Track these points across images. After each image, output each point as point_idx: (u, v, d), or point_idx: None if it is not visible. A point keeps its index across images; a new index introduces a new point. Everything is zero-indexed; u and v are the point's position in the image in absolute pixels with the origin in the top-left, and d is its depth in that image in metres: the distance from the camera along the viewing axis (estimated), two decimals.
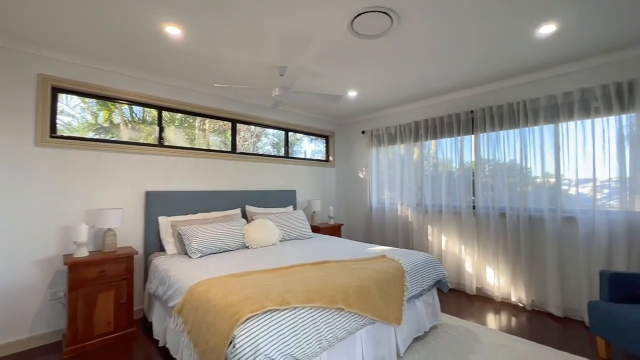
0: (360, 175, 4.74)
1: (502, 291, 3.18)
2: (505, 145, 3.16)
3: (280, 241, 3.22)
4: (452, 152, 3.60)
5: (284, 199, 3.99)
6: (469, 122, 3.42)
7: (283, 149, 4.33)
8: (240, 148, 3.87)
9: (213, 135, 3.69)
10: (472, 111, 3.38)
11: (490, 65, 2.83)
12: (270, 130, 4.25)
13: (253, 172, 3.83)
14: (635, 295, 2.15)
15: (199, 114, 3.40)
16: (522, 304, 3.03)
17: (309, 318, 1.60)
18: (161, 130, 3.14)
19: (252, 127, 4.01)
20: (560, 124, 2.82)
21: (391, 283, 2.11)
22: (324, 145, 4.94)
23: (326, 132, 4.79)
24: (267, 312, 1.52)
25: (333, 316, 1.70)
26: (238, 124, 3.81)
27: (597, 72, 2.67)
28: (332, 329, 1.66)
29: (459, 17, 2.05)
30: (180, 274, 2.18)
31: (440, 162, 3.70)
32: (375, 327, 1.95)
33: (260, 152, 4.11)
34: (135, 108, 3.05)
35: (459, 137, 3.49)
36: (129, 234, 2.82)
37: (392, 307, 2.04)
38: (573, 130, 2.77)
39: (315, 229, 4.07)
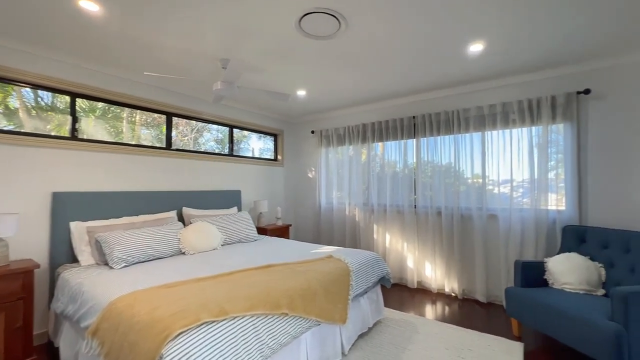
0: (310, 175, 4.72)
1: (438, 283, 3.43)
2: (442, 149, 3.42)
3: (222, 245, 3.01)
4: (396, 154, 3.77)
5: (227, 199, 3.77)
6: (412, 127, 3.62)
7: (228, 146, 4.09)
8: (178, 144, 3.55)
9: (145, 129, 3.31)
10: (414, 117, 3.58)
11: (429, 76, 3.03)
12: (215, 126, 3.98)
13: (193, 171, 3.53)
14: (540, 280, 2.50)
15: (126, 104, 3.01)
16: (455, 293, 3.31)
17: (250, 327, 1.50)
18: (74, 120, 2.68)
19: (193, 121, 3.71)
20: (486, 132, 3.15)
21: (337, 283, 2.11)
22: (273, 143, 4.81)
23: (275, 130, 4.66)
24: (202, 325, 1.38)
25: (276, 322, 1.62)
26: (175, 118, 3.48)
27: (514, 89, 3.04)
28: (275, 335, 1.58)
29: (402, 28, 2.15)
30: (98, 288, 1.88)
31: (386, 164, 3.85)
32: (320, 328, 1.93)
33: (202, 149, 3.82)
34: (43, 93, 2.57)
35: (402, 141, 3.68)
36: (29, 244, 2.34)
37: (338, 307, 2.04)
38: (496, 138, 3.11)
39: (262, 231, 3.92)
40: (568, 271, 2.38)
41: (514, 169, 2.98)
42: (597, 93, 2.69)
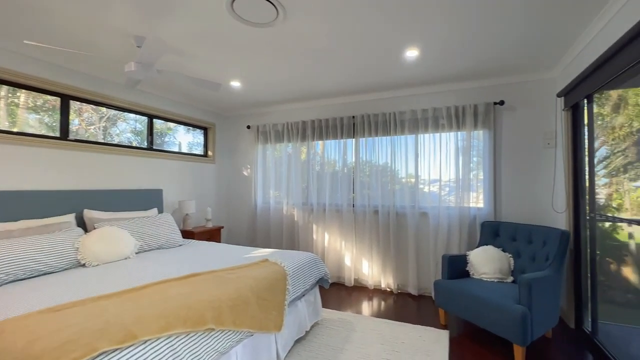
0: (245, 173, 4.42)
1: (374, 280, 3.51)
2: (380, 150, 3.51)
3: (136, 253, 2.57)
4: (336, 153, 3.76)
5: (145, 200, 3.27)
6: (351, 127, 3.64)
7: (147, 138, 3.57)
8: (82, 134, 2.94)
9: (35, 114, 2.66)
10: (353, 116, 3.60)
11: (368, 77, 3.07)
12: (133, 115, 3.43)
13: (100, 166, 2.97)
14: (464, 271, 2.72)
15: (4, 80, 2.36)
16: (390, 288, 3.43)
17: (166, 350, 1.25)
18: None
19: (103, 108, 3.12)
20: (419, 135, 3.32)
21: (272, 289, 1.94)
22: (204, 137, 4.38)
23: (205, 123, 4.25)
24: (100, 356, 1.09)
25: (200, 340, 1.40)
26: (77, 103, 2.88)
27: (444, 96, 3.27)
28: (199, 355, 1.36)
29: (342, 27, 2.12)
30: None
31: (326, 162, 3.81)
32: (253, 339, 1.75)
33: (116, 141, 3.25)
34: None
35: (342, 140, 3.67)
36: None
37: (273, 314, 1.88)
38: (428, 141, 3.31)
39: (189, 235, 3.52)
40: (485, 262, 2.63)
41: (443, 169, 3.21)
42: (509, 104, 3.06)
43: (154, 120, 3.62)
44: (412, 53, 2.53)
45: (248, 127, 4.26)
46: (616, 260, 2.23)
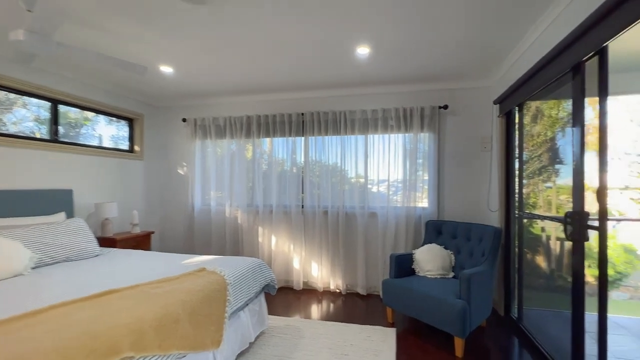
0: (181, 171, 3.96)
1: (324, 282, 3.41)
2: (330, 149, 3.43)
3: (34, 268, 2.05)
4: (285, 152, 3.56)
5: (49, 202, 2.68)
6: (300, 124, 3.50)
7: (51, 128, 2.94)
8: None
9: None
10: (302, 114, 3.46)
11: (319, 73, 2.97)
12: (37, 100, 2.79)
13: None
14: (410, 269, 2.78)
15: None
16: (339, 289, 3.36)
17: None
18: None
19: None
20: (369, 135, 3.33)
21: (210, 302, 1.69)
22: (129, 130, 3.80)
23: (130, 113, 3.68)
24: None
25: None
26: None
27: (393, 98, 3.33)
28: None
29: (292, 16, 1.99)
30: None
31: (274, 161, 3.58)
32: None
33: (11, 131, 2.60)
34: None
35: (291, 138, 3.50)
36: None
37: (210, 330, 1.63)
38: (377, 141, 3.32)
39: (109, 242, 2.99)
40: (429, 260, 2.71)
41: (391, 170, 3.26)
42: (453, 109, 3.23)
43: (69, 108, 3.01)
44: (363, 51, 2.50)
45: (184, 120, 3.82)
46: (533, 251, 2.48)
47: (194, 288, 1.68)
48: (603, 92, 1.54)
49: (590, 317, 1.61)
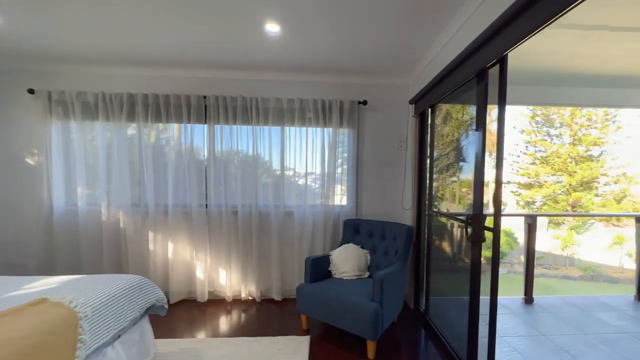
0: (30, 161, 2.90)
1: (234, 290, 3.03)
2: (240, 141, 2.96)
3: None
4: (183, 141, 2.91)
5: None
6: (202, 109, 2.90)
7: None
8: None
9: None
10: (205, 97, 2.87)
11: (224, 48, 2.46)
12: None
13: None
14: (327, 272, 2.65)
15: None
16: (252, 297, 3.05)
17: None
18: None
19: None
20: (285, 128, 2.99)
21: (46, 349, 1.16)
22: None
23: None
24: None
25: None
26: None
27: (311, 88, 3.04)
28: None
29: None
30: None
31: (168, 152, 2.91)
32: None
33: None
34: None
35: (191, 125, 2.88)
36: None
37: None
38: (294, 134, 3.01)
39: None
40: (345, 261, 2.62)
41: (309, 167, 3.01)
42: (372, 105, 3.14)
43: None
44: (273, 28, 2.15)
45: (31, 91, 2.75)
46: (439, 245, 2.63)
47: (16, 334, 1.11)
48: (502, 100, 1.61)
49: (483, 301, 1.78)
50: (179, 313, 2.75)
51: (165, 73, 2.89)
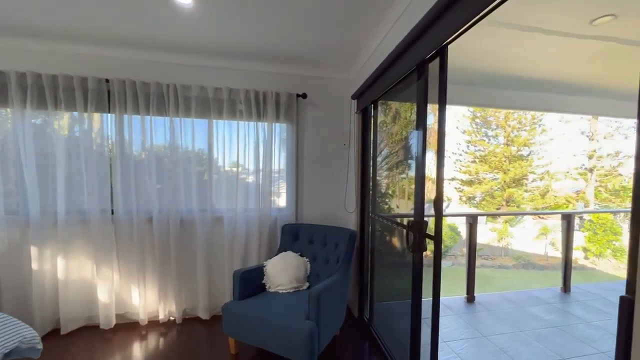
0: None
1: (149, 310, 2.56)
2: (155, 134, 2.47)
3: None
4: (77, 132, 2.35)
5: None
6: (104, 95, 2.36)
7: None
8: None
9: None
10: (107, 80, 2.34)
11: (130, 22, 1.98)
12: None
13: None
14: (260, 286, 2.33)
15: None
16: (173, 317, 2.60)
17: None
18: None
19: None
20: (212, 121, 2.58)
21: None
22: None
23: None
24: None
25: None
26: None
27: (242, 76, 2.67)
28: None
29: None
30: None
31: (57, 146, 2.31)
32: None
33: None
34: None
35: (87, 114, 2.32)
36: None
37: None
38: (222, 129, 2.60)
39: None
40: (282, 272, 2.33)
41: (241, 165, 2.64)
42: (313, 99, 2.85)
43: None
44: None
45: None
46: (380, 248, 2.47)
47: None
48: (442, 95, 1.47)
49: (426, 303, 1.62)
50: (75, 346, 2.22)
51: (52, 47, 2.29)
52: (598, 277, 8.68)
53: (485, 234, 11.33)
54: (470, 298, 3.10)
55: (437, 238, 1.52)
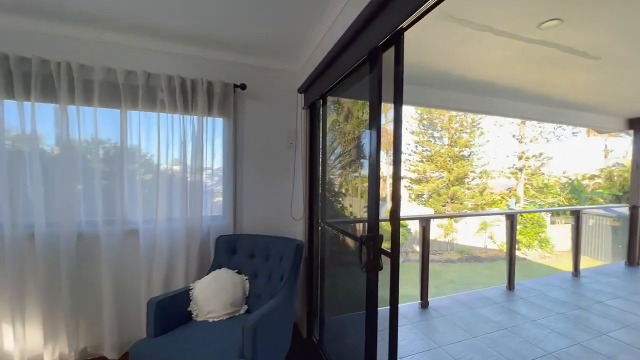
0: None
1: (31, 352, 1.97)
2: (40, 124, 1.89)
3: None
4: None
5: None
6: None
7: None
8: None
9: None
10: None
11: None
12: None
13: None
14: (185, 314, 1.90)
15: None
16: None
17: None
18: None
19: None
20: (125, 111, 2.06)
21: None
22: None
23: None
24: None
25: None
26: None
27: (163, 59, 2.20)
28: None
29: None
30: None
31: None
32: None
33: None
34: None
35: None
36: None
37: None
38: (137, 121, 2.11)
39: None
40: (213, 295, 1.93)
41: (164, 166, 2.16)
42: (254, 91, 2.48)
43: None
44: None
45: None
46: (331, 261, 2.20)
47: None
48: (398, 89, 1.24)
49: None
50: None
51: None
52: (530, 267, 9.56)
53: (433, 229, 11.89)
54: (424, 304, 2.99)
55: (395, 255, 1.28)
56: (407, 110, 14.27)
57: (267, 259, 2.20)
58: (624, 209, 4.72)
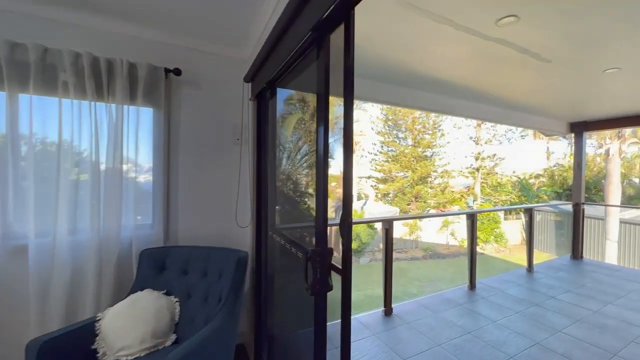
0: None
1: None
2: None
3: None
4: None
5: None
6: None
7: None
8: None
9: None
10: None
11: None
12: None
13: None
14: (83, 358, 1.48)
15: None
16: None
17: None
18: None
19: None
20: (13, 95, 1.61)
21: None
22: None
23: None
24: None
25: None
26: None
27: (67, 30, 1.76)
28: None
29: None
30: None
31: None
32: None
33: None
34: None
35: None
36: None
37: None
38: (29, 106, 1.65)
39: None
40: (128, 326, 1.55)
41: (67, 162, 1.71)
42: (192, 78, 2.12)
43: None
44: None
45: None
46: (281, 273, 1.92)
47: None
48: (348, 74, 1.03)
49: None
50: None
51: None
52: (488, 262, 9.99)
53: (399, 228, 12.07)
54: (388, 311, 2.81)
55: (346, 272, 1.03)
56: (373, 111, 14.40)
57: (204, 274, 1.86)
58: (568, 207, 4.96)
